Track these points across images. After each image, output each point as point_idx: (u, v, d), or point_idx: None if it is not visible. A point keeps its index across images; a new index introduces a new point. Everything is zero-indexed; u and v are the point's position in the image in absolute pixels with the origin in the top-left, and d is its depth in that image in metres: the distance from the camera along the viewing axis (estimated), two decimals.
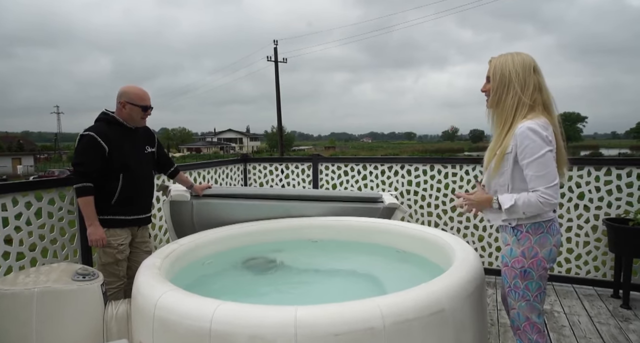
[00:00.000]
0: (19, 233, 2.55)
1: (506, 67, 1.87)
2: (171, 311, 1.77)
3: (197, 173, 4.06)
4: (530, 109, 1.84)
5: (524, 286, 1.88)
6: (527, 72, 1.85)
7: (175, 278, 2.52)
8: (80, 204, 2.50)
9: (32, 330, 1.93)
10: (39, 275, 2.16)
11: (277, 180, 4.72)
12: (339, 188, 4.46)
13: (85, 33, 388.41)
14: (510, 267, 1.90)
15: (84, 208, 2.49)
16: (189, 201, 3.16)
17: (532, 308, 1.90)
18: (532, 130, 1.77)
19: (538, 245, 1.85)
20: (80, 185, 2.45)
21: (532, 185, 1.79)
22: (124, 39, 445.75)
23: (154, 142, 2.90)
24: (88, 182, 2.47)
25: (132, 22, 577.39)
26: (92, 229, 2.51)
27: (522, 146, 1.78)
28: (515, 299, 1.91)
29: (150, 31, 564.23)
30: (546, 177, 1.76)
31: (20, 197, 2.55)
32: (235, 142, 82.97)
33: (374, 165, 4.32)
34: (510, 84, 1.86)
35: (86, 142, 2.49)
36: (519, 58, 1.87)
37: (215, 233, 3.08)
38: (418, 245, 2.95)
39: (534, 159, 1.76)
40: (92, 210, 2.50)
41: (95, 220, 2.51)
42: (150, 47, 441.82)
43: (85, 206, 2.48)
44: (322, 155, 4.56)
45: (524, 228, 1.87)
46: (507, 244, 1.93)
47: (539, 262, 1.85)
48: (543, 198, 1.75)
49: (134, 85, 2.70)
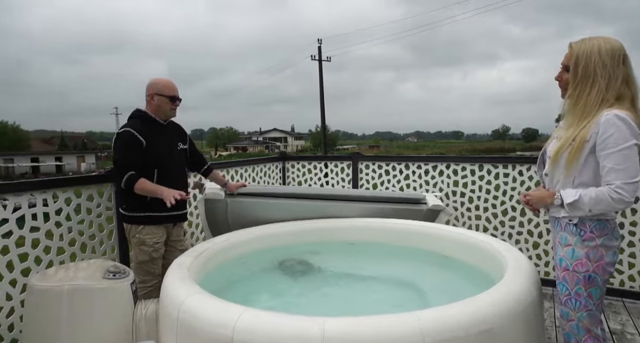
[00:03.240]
0: (59, 228, 2.59)
1: (591, 57, 1.60)
2: (194, 315, 1.68)
3: (234, 171, 4.02)
4: (615, 103, 1.59)
5: (586, 294, 1.64)
6: (616, 63, 1.58)
7: (207, 278, 2.46)
8: (139, 190, 2.46)
9: (62, 326, 1.92)
10: (74, 271, 2.16)
11: (316, 179, 4.60)
12: (379, 188, 4.26)
13: (142, 40, 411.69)
14: (572, 271, 1.66)
15: (145, 188, 2.44)
16: (224, 199, 3.11)
17: (594, 320, 1.66)
18: (621, 118, 1.53)
19: (604, 248, 1.62)
20: (126, 177, 2.43)
21: (608, 178, 1.55)
22: (177, 43, 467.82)
23: (186, 139, 2.87)
24: (131, 171, 2.45)
25: (185, 28, 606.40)
26: (165, 193, 2.39)
27: (606, 134, 1.54)
28: (575, 309, 1.67)
29: (201, 36, 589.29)
30: (627, 171, 1.52)
31: (61, 192, 2.60)
32: (280, 141, 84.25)
33: (417, 164, 4.08)
34: (595, 78, 1.60)
35: (124, 138, 2.49)
36: (608, 46, 1.59)
37: (250, 233, 3.00)
38: (464, 252, 2.70)
39: (617, 150, 1.52)
40: (152, 184, 2.46)
41: (162, 187, 2.45)
42: (201, 50, 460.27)
43: (144, 187, 2.44)
44: (362, 154, 4.38)
45: (588, 227, 1.64)
46: (568, 245, 1.69)
47: (604, 267, 1.63)
48: (617, 193, 1.52)
49: (162, 77, 2.67)
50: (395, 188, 4.17)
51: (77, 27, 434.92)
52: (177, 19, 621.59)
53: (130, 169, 2.45)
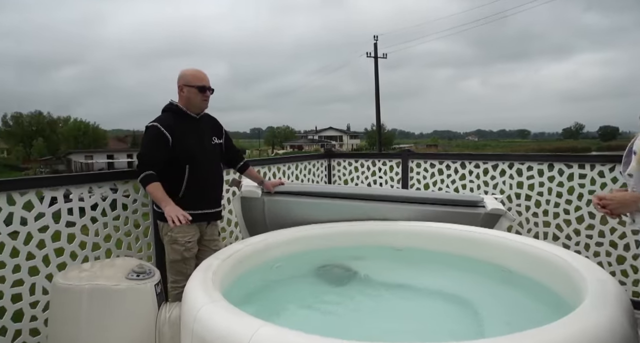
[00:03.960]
0: (95, 224, 2.56)
1: None
2: (207, 327, 1.51)
3: (276, 168, 3.86)
4: None
5: None
6: None
7: (237, 282, 2.30)
8: (149, 192, 2.40)
9: (82, 327, 1.85)
10: (100, 269, 2.09)
11: (363, 177, 4.32)
12: (431, 188, 3.90)
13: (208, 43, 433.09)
14: None
15: (154, 194, 2.37)
16: (260, 198, 2.95)
17: None
18: None
19: None
20: (142, 175, 2.36)
21: None
22: (239, 46, 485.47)
23: (222, 133, 2.73)
24: (149, 171, 2.36)
25: (246, 30, 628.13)
26: (168, 209, 2.29)
27: None
28: None
29: (261, 38, 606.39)
30: None
31: (96, 187, 2.57)
32: (336, 140, 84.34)
33: (474, 163, 3.66)
34: None
35: (150, 134, 2.40)
36: None
37: (286, 234, 2.81)
38: (530, 266, 2.31)
39: None
40: (163, 193, 2.35)
41: (168, 200, 2.34)
42: (260, 52, 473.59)
43: (154, 192, 2.36)
44: (413, 151, 4.03)
45: None
46: None
47: None
48: None
49: (192, 67, 2.55)
50: (449, 189, 3.79)
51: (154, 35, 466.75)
52: (239, 23, 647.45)
53: (150, 167, 2.36)
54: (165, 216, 2.29)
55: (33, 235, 2.27)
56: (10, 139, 54.92)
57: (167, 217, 2.28)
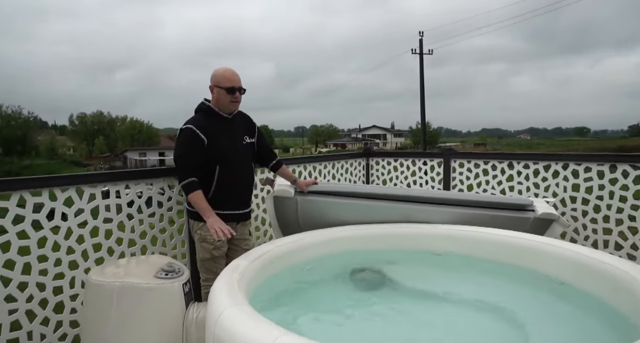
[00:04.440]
0: (131, 220, 2.61)
1: None
2: (228, 332, 1.47)
3: (312, 167, 3.78)
4: None
5: None
6: None
7: (266, 284, 2.25)
8: (191, 201, 2.41)
9: (111, 324, 1.86)
10: (132, 267, 2.12)
11: (402, 178, 4.15)
12: (475, 190, 3.66)
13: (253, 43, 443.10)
14: None
15: (196, 204, 2.38)
16: (293, 197, 2.88)
17: None
18: None
19: None
20: (185, 182, 2.36)
21: None
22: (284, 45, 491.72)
23: (254, 132, 2.69)
24: (191, 177, 2.36)
25: (291, 30, 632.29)
26: (210, 221, 2.32)
27: None
28: None
29: (306, 37, 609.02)
30: None
31: (133, 184, 2.61)
32: (379, 138, 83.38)
33: (523, 163, 3.39)
34: None
35: (185, 136, 2.40)
36: None
37: (318, 236, 2.73)
38: (587, 279, 2.07)
39: None
40: (205, 204, 2.37)
41: (211, 211, 2.36)
42: (306, 51, 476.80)
43: (196, 201, 2.37)
44: (456, 150, 3.81)
45: None
46: None
47: None
48: None
49: (224, 66, 2.51)
50: (495, 191, 3.54)
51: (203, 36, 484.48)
52: (284, 23, 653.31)
53: (190, 171, 2.36)
54: (209, 227, 2.32)
55: (73, 230, 2.34)
56: (75, 137, 59.53)
57: (210, 229, 2.31)
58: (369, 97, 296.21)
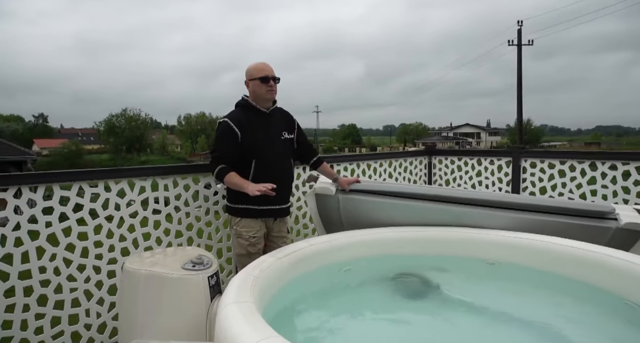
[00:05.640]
0: (178, 212, 2.75)
1: None
2: (221, 329, 1.45)
3: (366, 165, 3.65)
4: None
5: None
6: None
7: (293, 283, 2.20)
8: (227, 183, 2.44)
9: (138, 310, 1.96)
10: (166, 256, 2.21)
11: (467, 178, 3.80)
12: (549, 194, 3.19)
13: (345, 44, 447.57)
14: None
15: (232, 182, 2.39)
16: (335, 195, 2.79)
17: None
18: None
19: None
20: (217, 170, 2.41)
21: None
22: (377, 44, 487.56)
23: (294, 128, 2.66)
24: (222, 164, 2.41)
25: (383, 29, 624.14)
26: (250, 188, 2.28)
27: None
28: None
29: (397, 35, 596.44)
30: None
31: (180, 179, 2.75)
32: (473, 137, 78.57)
33: (609, 164, 2.86)
34: None
35: (221, 129, 2.46)
36: None
37: (358, 236, 2.60)
38: None
39: None
40: (239, 179, 2.38)
41: (248, 182, 2.36)
42: (398, 48, 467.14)
43: (231, 180, 2.39)
44: (528, 149, 3.38)
45: None
46: None
47: None
48: None
49: (256, 61, 2.52)
50: (573, 195, 3.05)
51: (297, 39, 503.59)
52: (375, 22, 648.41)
53: (223, 161, 2.40)
54: (250, 195, 2.27)
55: (125, 220, 2.54)
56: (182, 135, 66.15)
57: (251, 194, 2.26)
58: (463, 94, 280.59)
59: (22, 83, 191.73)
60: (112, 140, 54.40)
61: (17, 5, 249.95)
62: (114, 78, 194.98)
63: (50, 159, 40.34)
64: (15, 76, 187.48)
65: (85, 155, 46.42)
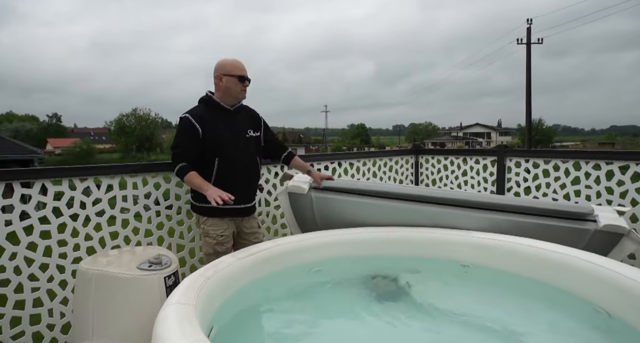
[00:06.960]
0: (148, 211, 2.70)
1: None
2: (156, 330, 1.39)
3: (348, 164, 3.56)
4: None
5: None
6: None
7: (255, 283, 2.14)
8: (187, 182, 2.41)
9: (91, 310, 1.91)
10: (122, 256, 2.17)
11: (453, 177, 3.69)
12: (534, 194, 3.08)
13: (354, 44, 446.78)
14: None
15: (192, 182, 2.36)
16: (308, 194, 2.72)
17: None
18: None
19: None
20: (177, 167, 2.37)
21: None
22: (386, 44, 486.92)
23: (260, 126, 2.60)
24: (183, 162, 2.37)
25: (392, 28, 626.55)
26: (209, 192, 2.26)
27: None
28: None
29: (407, 34, 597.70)
30: None
31: (150, 177, 2.70)
32: (483, 137, 77.71)
33: (593, 163, 2.73)
34: None
35: (182, 125, 2.40)
36: None
37: (329, 236, 2.53)
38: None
39: None
40: (201, 179, 2.34)
41: (208, 184, 2.33)
42: (407, 48, 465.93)
43: (192, 180, 2.36)
44: (513, 147, 3.26)
45: None
46: None
47: None
48: None
49: (231, 57, 2.47)
50: (557, 195, 2.93)
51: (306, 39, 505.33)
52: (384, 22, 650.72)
53: (182, 158, 2.35)
54: (208, 199, 2.24)
55: (91, 218, 2.50)
56: None
57: (209, 199, 2.23)
58: (473, 93, 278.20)
59: (37, 84, 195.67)
60: (122, 140, 54.99)
61: (33, 7, 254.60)
62: (126, 78, 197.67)
63: (62, 158, 41.02)
64: (30, 77, 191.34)
65: (97, 154, 47.11)
